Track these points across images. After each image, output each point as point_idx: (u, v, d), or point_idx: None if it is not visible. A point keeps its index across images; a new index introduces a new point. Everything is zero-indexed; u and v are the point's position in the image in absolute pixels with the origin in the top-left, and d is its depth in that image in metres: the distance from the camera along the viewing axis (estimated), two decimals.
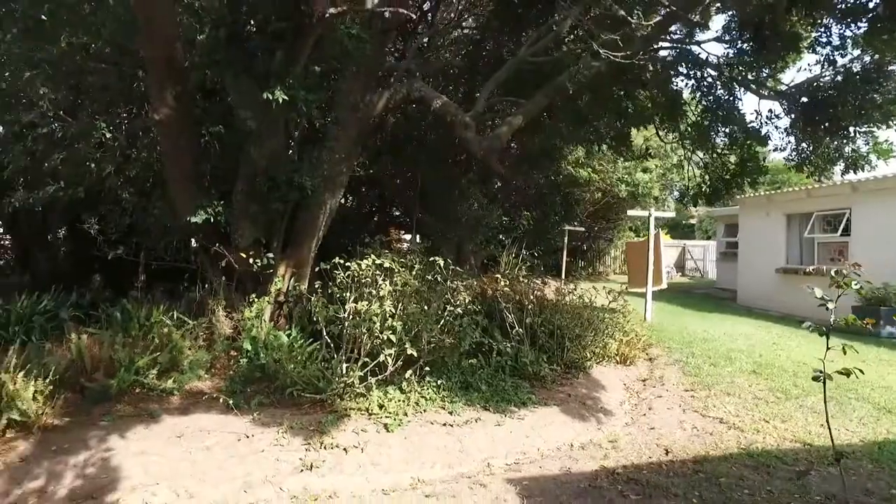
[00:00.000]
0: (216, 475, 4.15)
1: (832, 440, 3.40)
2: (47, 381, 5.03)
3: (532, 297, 7.52)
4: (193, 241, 7.15)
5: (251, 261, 6.75)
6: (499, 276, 7.72)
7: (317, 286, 6.85)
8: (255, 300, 6.96)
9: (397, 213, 14.61)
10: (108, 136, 6.42)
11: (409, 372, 5.85)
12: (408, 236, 14.01)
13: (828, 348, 2.78)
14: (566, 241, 15.65)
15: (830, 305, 2.78)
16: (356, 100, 7.25)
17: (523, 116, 7.55)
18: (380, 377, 5.74)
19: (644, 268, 11.42)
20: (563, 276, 14.85)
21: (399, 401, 5.56)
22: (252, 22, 5.69)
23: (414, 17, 9.12)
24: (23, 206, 8.58)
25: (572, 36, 7.84)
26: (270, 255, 6.97)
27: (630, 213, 14.88)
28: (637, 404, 6.44)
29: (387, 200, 13.90)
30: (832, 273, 2.96)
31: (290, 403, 5.58)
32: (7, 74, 6.75)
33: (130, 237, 9.72)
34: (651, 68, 6.88)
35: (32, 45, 6.28)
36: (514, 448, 4.97)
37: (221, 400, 5.46)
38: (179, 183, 6.53)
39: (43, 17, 6.06)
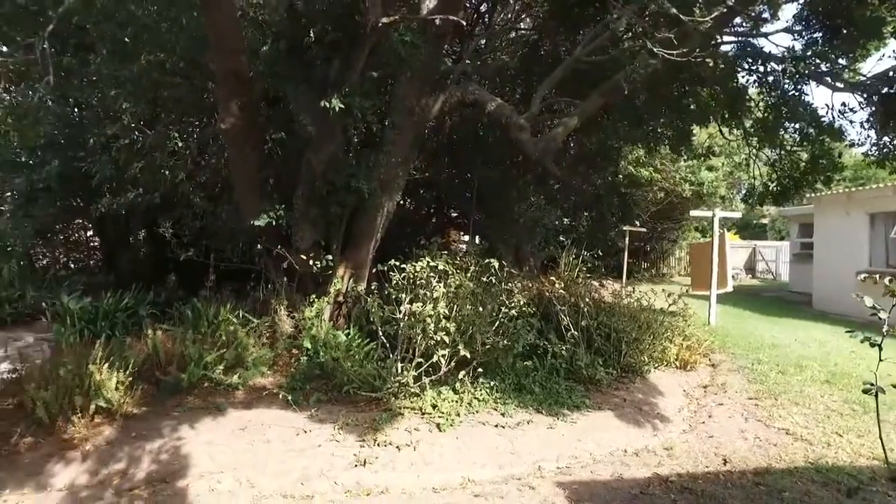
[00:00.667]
0: (275, 467, 4.37)
1: (885, 457, 3.20)
2: (127, 373, 5.44)
3: (588, 299, 7.42)
4: (258, 243, 7.49)
5: (311, 262, 7.02)
6: (554, 277, 7.67)
7: (373, 287, 7.04)
8: (315, 300, 7.23)
9: (455, 215, 14.72)
10: (181, 144, 6.84)
11: (463, 373, 5.91)
12: (467, 237, 14.09)
13: (880, 360, 2.64)
14: (627, 241, 15.29)
15: (882, 315, 2.63)
16: (412, 104, 7.40)
17: (579, 117, 7.47)
18: (433, 377, 5.84)
19: (708, 270, 11.02)
20: (624, 278, 14.53)
21: (452, 401, 5.64)
22: (311, 33, 5.92)
23: (465, 22, 9.18)
24: (108, 211, 9.25)
25: (630, 34, 7.68)
26: (329, 256, 7.21)
27: (693, 213, 14.35)
28: (696, 411, 6.24)
29: (445, 202, 14.02)
30: (885, 282, 2.79)
31: (347, 401, 5.76)
32: (97, 92, 7.32)
33: (201, 240, 10.28)
34: (711, 64, 6.64)
35: (118, 64, 6.79)
36: (565, 451, 4.94)
37: (281, 396, 5.70)
38: (244, 188, 6.88)
39: (126, 38, 6.56)
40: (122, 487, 4.08)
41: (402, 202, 11.15)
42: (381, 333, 6.30)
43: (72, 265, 13.31)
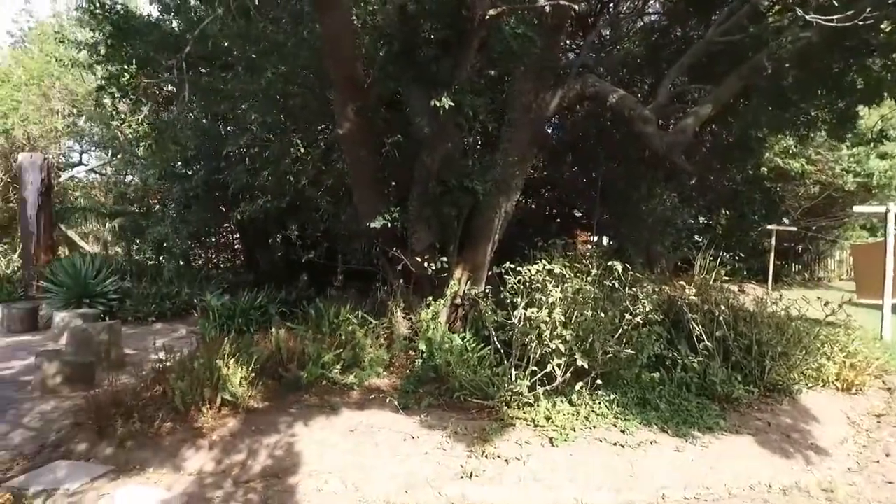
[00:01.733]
0: (381, 472, 4.33)
1: None
2: (251, 368, 5.75)
3: (725, 307, 6.64)
4: (375, 245, 7.64)
5: (426, 264, 6.99)
6: (684, 282, 6.96)
7: (488, 291, 6.86)
8: (432, 303, 7.21)
9: (579, 215, 14.14)
10: (303, 150, 7.16)
11: (580, 384, 5.52)
12: (594, 238, 13.47)
13: None
14: (773, 242, 13.70)
15: None
16: (528, 100, 7.12)
17: (713, 104, 6.72)
18: (549, 387, 5.52)
19: (879, 275, 9.50)
20: (770, 283, 13.03)
21: (567, 414, 5.28)
22: (421, 33, 5.88)
23: (586, 12, 8.69)
24: (246, 216, 10.02)
25: (776, 7, 6.77)
26: (445, 258, 7.14)
27: (857, 209, 12.38)
28: (866, 445, 5.27)
29: (567, 202, 13.51)
30: None
31: (458, 407, 5.62)
32: (231, 107, 7.92)
33: (324, 242, 10.80)
34: (887, 28, 5.57)
35: (248, 79, 7.28)
36: (694, 480, 4.38)
37: (392, 400, 5.69)
38: (362, 190, 7.03)
39: (254, 55, 7.00)
40: (240, 479, 4.27)
41: (521, 202, 10.88)
42: (494, 339, 6.10)
43: (221, 265, 14.67)
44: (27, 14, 23.45)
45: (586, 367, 5.43)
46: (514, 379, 5.57)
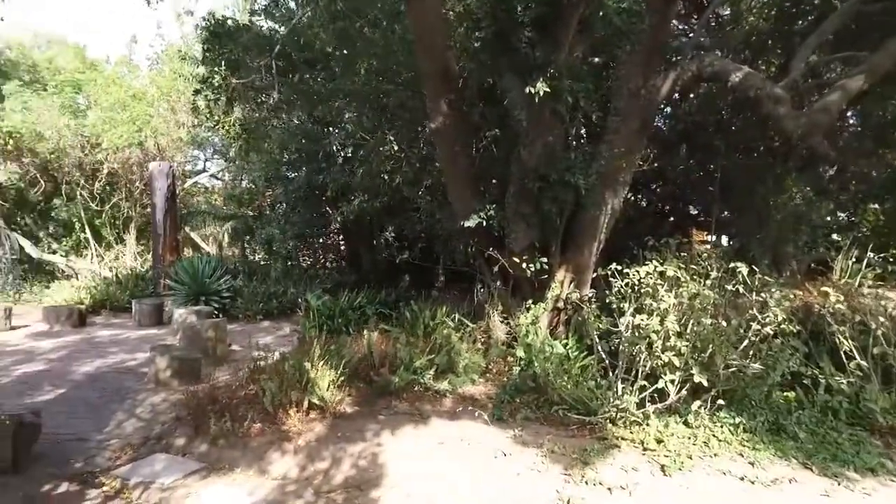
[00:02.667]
0: (468, 492, 3.96)
1: None
2: (340, 371, 5.64)
3: (885, 318, 5.55)
4: (471, 245, 7.31)
5: (525, 265, 6.55)
6: (828, 287, 5.94)
7: (592, 294, 6.29)
8: (532, 306, 6.76)
9: (695, 212, 12.94)
10: (396, 148, 7.00)
11: (698, 403, 4.82)
12: (712, 237, 12.26)
13: None
14: None
15: None
16: (636, 86, 6.44)
17: (866, 75, 5.66)
18: (660, 405, 4.89)
19: None
20: None
21: (682, 437, 4.62)
22: (515, 14, 5.46)
23: None
24: (349, 216, 10.14)
25: None
26: (545, 259, 6.66)
27: None
28: None
29: (681, 198, 12.40)
30: None
31: (556, 421, 5.14)
32: (327, 107, 7.95)
33: (427, 242, 10.67)
34: None
35: (345, 80, 7.24)
36: None
37: (482, 413, 5.32)
38: (456, 188, 6.73)
39: (347, 53, 6.93)
40: (322, 489, 4.09)
41: (630, 199, 10.06)
42: (599, 348, 5.55)
43: (328, 265, 15.08)
44: (160, 38, 25.85)
45: (705, 383, 4.73)
46: (619, 393, 5.00)
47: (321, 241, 15.02)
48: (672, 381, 4.79)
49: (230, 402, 5.32)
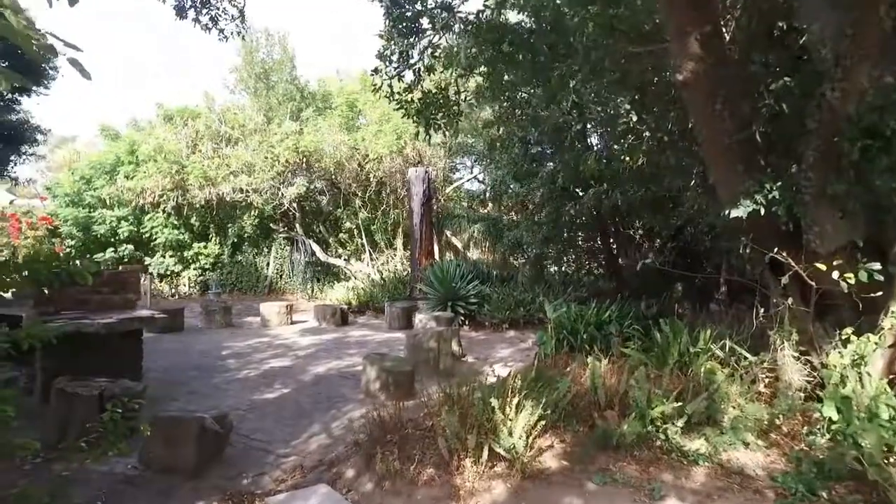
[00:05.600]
0: None
1: None
2: (554, 409, 4.27)
3: None
4: (745, 243, 5.08)
5: (839, 274, 4.18)
6: None
7: None
8: (852, 338, 4.34)
9: None
10: (635, 119, 5.26)
11: None
12: None
13: None
14: None
15: None
16: None
17: None
18: None
19: None
20: None
21: None
22: None
23: None
24: (591, 211, 8.61)
25: None
26: (877, 266, 4.16)
27: None
28: None
29: None
30: None
31: None
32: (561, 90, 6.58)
33: (704, 245, 8.44)
34: None
35: (587, 57, 5.81)
36: None
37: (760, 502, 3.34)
38: (718, 163, 4.70)
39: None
40: None
41: None
42: None
43: (582, 271, 13.57)
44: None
45: None
46: None
47: (579, 244, 13.61)
48: None
49: (410, 434, 4.43)
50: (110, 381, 5.04)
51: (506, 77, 7.68)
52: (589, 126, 7.19)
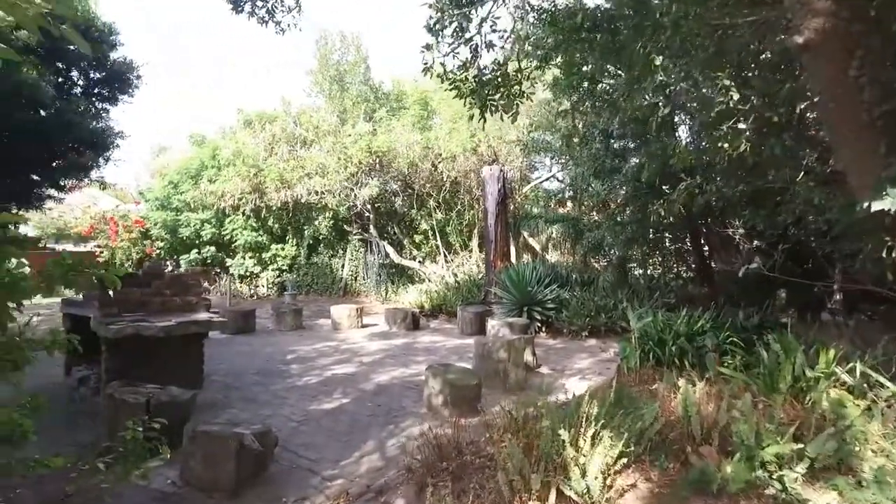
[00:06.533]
0: None
1: None
2: (638, 441, 3.55)
3: None
4: (884, 243, 4.09)
5: None
6: None
7: None
8: None
9: None
10: (736, 97, 4.37)
11: None
12: None
13: None
14: None
15: None
16: None
17: None
18: None
19: None
20: None
21: None
22: None
23: None
24: (679, 209, 7.65)
25: None
26: None
27: None
28: None
29: None
30: None
31: None
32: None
33: (812, 244, 7.28)
34: None
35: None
36: None
37: None
38: (849, 144, 3.75)
39: None
40: None
41: None
42: None
43: (671, 275, 12.42)
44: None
45: None
46: None
47: (665, 245, 12.47)
48: None
49: (469, 462, 3.85)
50: (160, 388, 4.82)
51: (584, 67, 6.99)
52: (677, 115, 6.29)
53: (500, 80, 5.15)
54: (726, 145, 4.80)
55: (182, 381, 6.08)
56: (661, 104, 5.32)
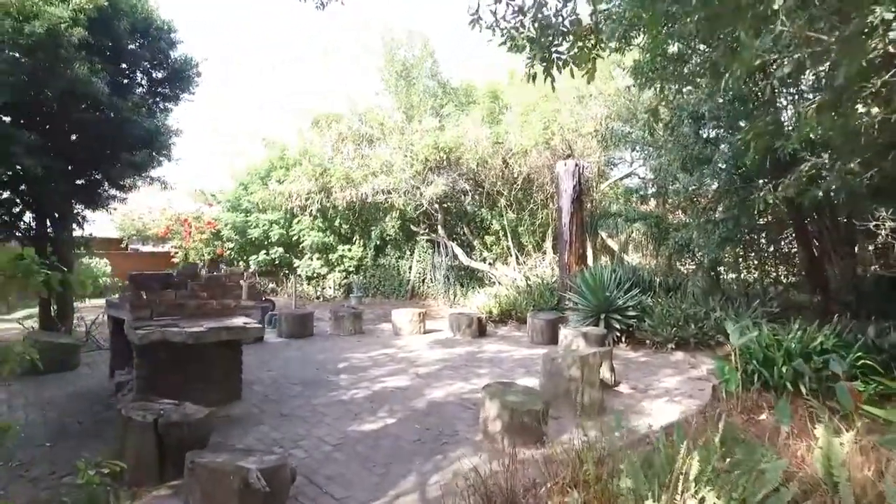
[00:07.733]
0: None
1: None
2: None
3: None
4: None
5: None
6: None
7: None
8: None
9: None
10: (893, 36, 3.24)
11: None
12: None
13: None
14: None
15: None
16: None
17: None
18: None
19: None
20: None
21: None
22: None
23: None
24: (804, 203, 6.43)
25: None
26: None
27: None
28: None
29: None
30: None
31: None
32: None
33: None
34: None
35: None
36: None
37: None
38: None
39: None
40: None
41: None
42: None
43: (775, 281, 10.89)
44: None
45: None
46: None
47: (762, 244, 10.96)
48: None
49: None
50: (174, 405, 4.28)
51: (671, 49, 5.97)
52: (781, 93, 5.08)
53: (567, 26, 4.19)
54: (875, 109, 3.65)
55: (217, 392, 5.61)
56: (777, 61, 4.21)
